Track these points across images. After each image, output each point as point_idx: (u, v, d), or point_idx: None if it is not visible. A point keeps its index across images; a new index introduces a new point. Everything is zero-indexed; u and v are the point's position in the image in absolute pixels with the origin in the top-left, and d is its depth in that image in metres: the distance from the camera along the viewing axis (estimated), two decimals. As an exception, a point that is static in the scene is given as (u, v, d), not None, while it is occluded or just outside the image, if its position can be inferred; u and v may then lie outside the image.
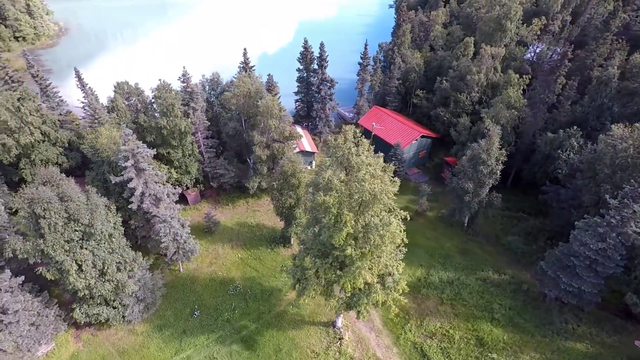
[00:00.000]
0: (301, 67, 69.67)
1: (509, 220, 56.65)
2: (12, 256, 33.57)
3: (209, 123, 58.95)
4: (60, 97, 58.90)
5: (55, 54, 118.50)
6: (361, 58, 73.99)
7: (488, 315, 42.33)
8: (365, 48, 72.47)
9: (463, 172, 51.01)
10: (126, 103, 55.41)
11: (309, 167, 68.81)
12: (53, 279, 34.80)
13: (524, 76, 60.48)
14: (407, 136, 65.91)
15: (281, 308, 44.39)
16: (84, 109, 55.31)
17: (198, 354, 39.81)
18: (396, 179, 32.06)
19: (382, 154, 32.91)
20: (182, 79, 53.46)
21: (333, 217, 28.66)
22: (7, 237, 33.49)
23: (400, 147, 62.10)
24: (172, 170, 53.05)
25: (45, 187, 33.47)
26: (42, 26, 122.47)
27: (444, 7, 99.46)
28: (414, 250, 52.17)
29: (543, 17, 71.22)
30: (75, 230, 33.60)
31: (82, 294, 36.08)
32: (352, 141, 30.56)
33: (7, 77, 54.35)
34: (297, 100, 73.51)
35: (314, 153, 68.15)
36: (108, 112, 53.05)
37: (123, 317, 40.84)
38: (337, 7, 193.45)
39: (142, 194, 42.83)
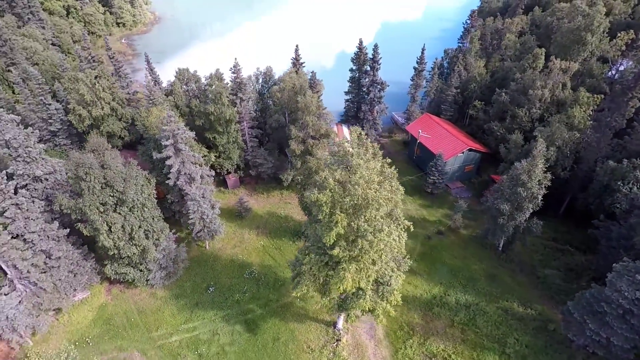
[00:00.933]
0: (354, 68, 69.79)
1: (551, 252, 51.53)
2: (60, 210, 38.93)
3: (255, 114, 61.90)
4: (130, 78, 66.09)
5: (147, 40, 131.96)
6: (417, 63, 71.84)
7: (498, 348, 39.29)
8: (422, 52, 70.19)
9: (500, 192, 47.60)
10: (184, 88, 60.32)
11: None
12: (89, 235, 39.62)
13: (595, 96, 54.16)
14: (453, 148, 62.83)
15: (289, 299, 45.48)
16: (144, 91, 61.41)
17: (204, 327, 42.55)
18: (399, 187, 30.98)
19: (389, 160, 31.91)
20: (232, 70, 56.80)
21: (326, 216, 28.85)
22: (57, 193, 38.86)
23: (442, 158, 59.46)
24: (211, 153, 56.65)
25: (91, 154, 38.28)
26: (140, 14, 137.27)
27: (525, 15, 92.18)
28: (437, 267, 50.16)
29: (631, 31, 62.69)
30: (110, 196, 37.92)
31: (112, 252, 40.65)
32: (357, 143, 30.33)
33: (89, 57, 62.63)
34: (347, 100, 73.79)
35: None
36: (166, 95, 58.33)
37: (147, 280, 45.08)
38: (423, 9, 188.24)
39: (178, 171, 46.56)
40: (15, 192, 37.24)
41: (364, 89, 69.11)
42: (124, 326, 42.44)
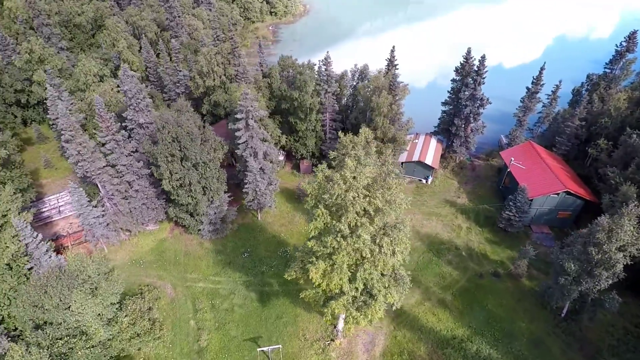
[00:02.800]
0: (456, 78, 64.95)
1: (633, 341, 40.48)
2: (144, 152, 48.04)
3: (340, 107, 63.61)
4: (241, 58, 74.54)
5: (292, 29, 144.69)
6: (532, 83, 62.69)
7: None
8: (540, 72, 60.87)
9: (571, 246, 39.58)
10: (284, 74, 65.68)
11: (423, 181, 65.43)
12: (158, 178, 47.86)
13: None
14: (546, 185, 53.72)
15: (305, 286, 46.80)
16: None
17: (226, 284, 47.34)
18: (401, 199, 29.16)
19: (397, 171, 30.13)
20: (323, 62, 59.46)
21: (312, 208, 29.29)
22: (143, 140, 47.95)
23: (525, 194, 51.57)
24: (283, 136, 60.80)
25: (172, 112, 45.94)
26: (292, 6, 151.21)
27: None
28: (474, 308, 44.99)
29: None
30: (178, 150, 45.04)
31: (173, 198, 48.34)
32: (361, 144, 29.62)
33: (215, 37, 73.25)
34: (443, 112, 69.28)
35: (433, 168, 64.01)
36: (263, 77, 64.64)
37: (198, 230, 52.08)
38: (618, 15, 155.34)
39: (245, 144, 51.94)
40: (118, 132, 47.34)
41: (462, 102, 63.86)
42: (170, 261, 50.19)
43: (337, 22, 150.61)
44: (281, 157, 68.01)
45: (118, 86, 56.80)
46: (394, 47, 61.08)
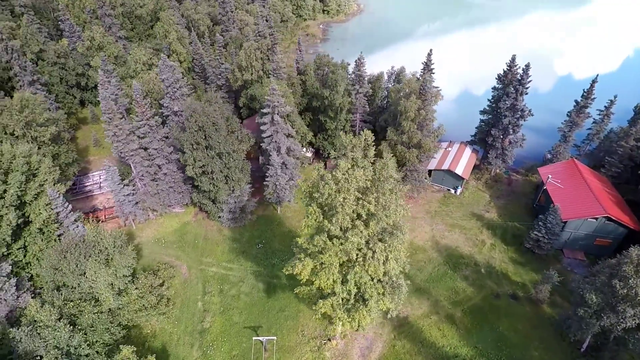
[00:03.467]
0: (497, 86, 61.61)
1: (660, 390, 36.32)
2: (173, 139, 50.87)
3: (369, 109, 62.98)
4: (276, 54, 75.94)
5: (342, 29, 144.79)
6: (582, 96, 57.80)
7: None
8: (592, 85, 55.94)
9: (595, 277, 36.39)
10: (318, 72, 66.26)
11: (452, 191, 62.96)
12: (183, 164, 50.45)
13: None
14: (585, 209, 49.53)
15: (312, 283, 47.15)
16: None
17: (237, 272, 48.95)
18: (399, 209, 28.46)
19: (396, 176, 29.44)
20: (355, 63, 59.16)
21: (306, 205, 29.51)
22: (174, 126, 50.71)
23: (557, 214, 47.94)
24: (310, 133, 61.29)
25: (202, 103, 48.16)
26: (345, 5, 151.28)
27: None
28: (484, 328, 43.08)
29: None
30: (202, 138, 47.20)
31: (197, 184, 50.77)
32: (360, 146, 29.29)
33: (257, 33, 75.33)
34: (481, 121, 66.03)
35: (463, 179, 61.36)
36: (298, 74, 65.58)
37: (219, 217, 54.22)
38: None
39: (270, 138, 53.18)
40: (152, 117, 50.52)
41: (501, 112, 60.52)
42: (189, 243, 52.80)
43: (392, 23, 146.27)
44: (309, 154, 68.75)
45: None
46: (431, 50, 59.29)
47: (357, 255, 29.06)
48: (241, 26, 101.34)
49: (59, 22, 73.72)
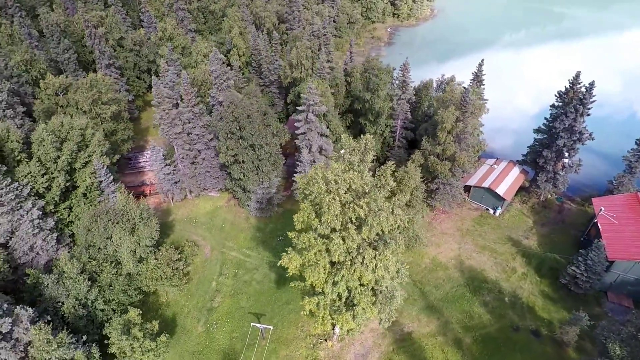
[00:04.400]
0: (556, 104, 56.36)
1: None
2: (213, 126, 54.33)
3: (412, 116, 61.38)
4: (332, 55, 76.52)
5: (411, 33, 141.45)
6: (656, 123, 50.64)
7: None
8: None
9: (623, 327, 32.32)
10: (365, 74, 66.06)
11: (490, 211, 59.12)
12: (217, 151, 53.60)
13: None
14: (636, 250, 43.74)
15: (322, 282, 47.55)
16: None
17: (253, 259, 51.00)
18: (381, 212, 27.93)
19: (393, 183, 28.82)
20: (400, 68, 58.01)
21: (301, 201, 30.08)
22: (215, 115, 53.98)
23: (601, 252, 42.92)
24: (345, 134, 61.03)
25: (242, 96, 50.80)
26: (417, 9, 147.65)
27: None
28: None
29: None
30: (236, 128, 49.80)
31: (229, 171, 53.71)
32: (359, 150, 29.06)
33: (311, 32, 76.65)
34: (535, 140, 60.89)
35: (504, 200, 57.23)
36: (345, 76, 65.97)
37: (247, 205, 56.81)
38: None
39: (304, 136, 54.42)
40: (196, 105, 54.37)
41: (557, 132, 55.41)
42: (217, 227, 56.05)
43: (468, 31, 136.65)
44: (347, 156, 68.74)
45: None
46: (482, 60, 56.12)
47: (344, 258, 28.97)
48: (305, 25, 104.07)
49: (140, 14, 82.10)
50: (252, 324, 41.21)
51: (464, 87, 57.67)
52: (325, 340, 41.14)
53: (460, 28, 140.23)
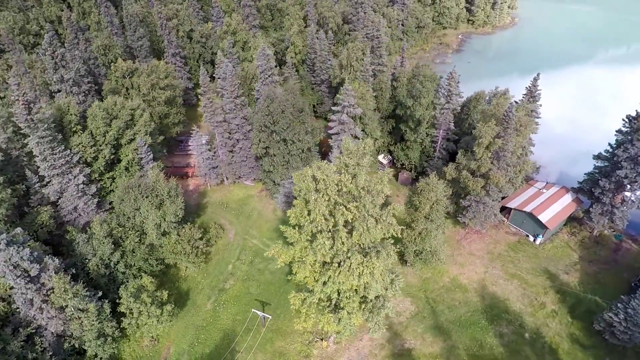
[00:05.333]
0: (624, 129, 49.98)
1: None
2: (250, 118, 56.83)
3: (455, 128, 58.60)
4: (384, 57, 75.05)
5: (484, 41, 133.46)
6: None
7: None
8: None
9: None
10: (413, 80, 64.31)
11: (530, 238, 54.47)
12: (251, 141, 55.88)
13: None
14: (693, 307, 37.48)
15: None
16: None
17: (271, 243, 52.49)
18: (368, 219, 27.48)
19: (388, 191, 28.10)
20: (448, 76, 55.55)
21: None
22: (255, 108, 56.31)
23: (644, 302, 37.59)
24: (379, 140, 60.41)
25: (281, 91, 52.56)
26: (495, 17, 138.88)
27: None
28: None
29: None
30: (271, 123, 51.59)
31: (260, 162, 55.86)
32: (356, 153, 28.69)
33: (365, 35, 76.08)
34: (595, 167, 54.58)
35: (546, 228, 52.28)
36: (392, 80, 64.88)
37: (276, 197, 58.54)
38: None
39: (337, 136, 54.72)
40: (238, 97, 57.21)
41: (618, 161, 49.26)
42: (245, 214, 58.57)
43: (554, 43, 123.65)
44: (384, 161, 67.65)
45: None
46: (538, 74, 51.75)
47: (331, 259, 28.99)
48: (365, 25, 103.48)
49: (210, 8, 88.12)
50: (253, 310, 42.67)
51: (514, 102, 53.87)
52: (322, 339, 41.22)
53: (545, 39, 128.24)
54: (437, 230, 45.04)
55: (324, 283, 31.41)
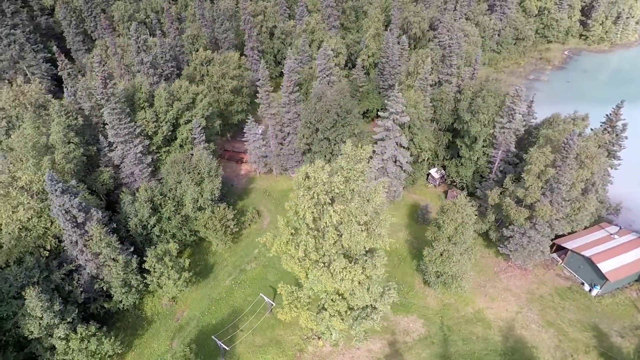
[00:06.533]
0: None
1: None
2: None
3: (516, 150, 53.31)
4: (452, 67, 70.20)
5: (598, 61, 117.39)
6: None
7: None
8: None
9: None
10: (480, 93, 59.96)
11: (585, 287, 47.56)
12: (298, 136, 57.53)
13: None
14: None
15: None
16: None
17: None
18: (352, 225, 27.03)
19: (379, 201, 27.29)
20: (513, 94, 50.76)
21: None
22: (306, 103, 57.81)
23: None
24: (427, 152, 57.51)
25: (333, 92, 53.47)
26: (616, 33, 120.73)
27: None
28: None
29: None
30: (315, 120, 52.75)
31: (304, 157, 57.50)
32: (354, 158, 28.25)
33: (437, 43, 71.99)
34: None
35: (606, 280, 44.90)
36: (457, 92, 61.27)
37: (314, 194, 59.78)
38: None
39: (382, 142, 53.82)
40: (293, 92, 59.33)
41: None
42: (283, 204, 60.62)
43: None
44: (437, 176, 64.31)
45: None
46: (622, 101, 44.37)
47: (316, 257, 29.24)
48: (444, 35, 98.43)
49: (296, 7, 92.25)
50: (260, 294, 44.50)
51: (591, 129, 47.30)
52: (318, 338, 41.37)
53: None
54: (463, 255, 41.73)
55: (312, 280, 31.74)
